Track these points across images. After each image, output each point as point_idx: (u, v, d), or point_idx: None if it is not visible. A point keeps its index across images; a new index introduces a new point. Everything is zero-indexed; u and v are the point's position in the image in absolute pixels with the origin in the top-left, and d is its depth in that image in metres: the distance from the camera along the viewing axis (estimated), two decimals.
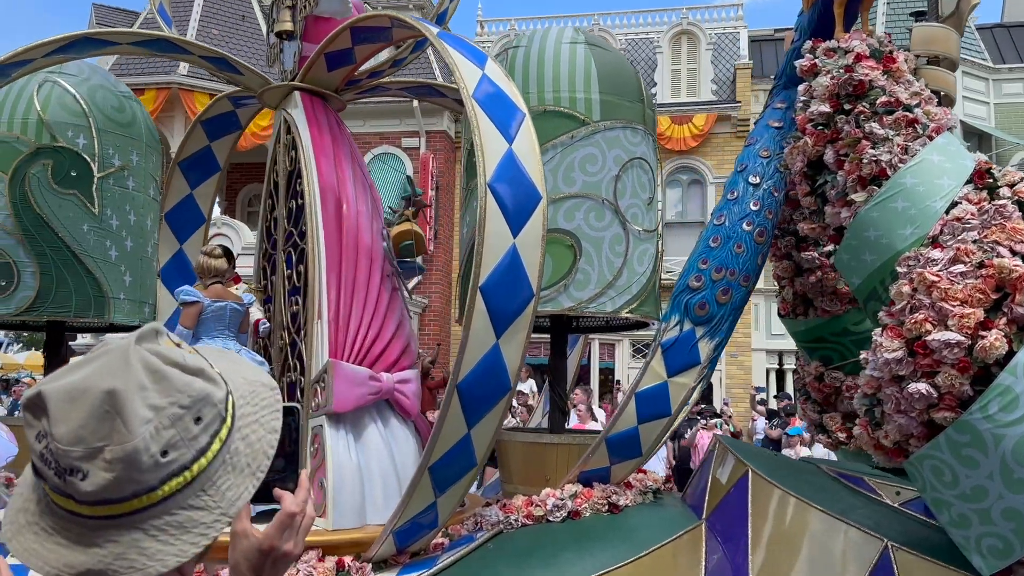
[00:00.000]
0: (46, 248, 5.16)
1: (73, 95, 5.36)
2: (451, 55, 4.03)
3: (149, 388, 1.03)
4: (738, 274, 4.15)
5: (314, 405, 4.28)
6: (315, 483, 4.18)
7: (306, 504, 1.19)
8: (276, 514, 1.20)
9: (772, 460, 4.55)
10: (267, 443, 1.16)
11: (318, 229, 4.50)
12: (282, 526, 1.16)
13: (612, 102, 4.69)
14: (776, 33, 22.13)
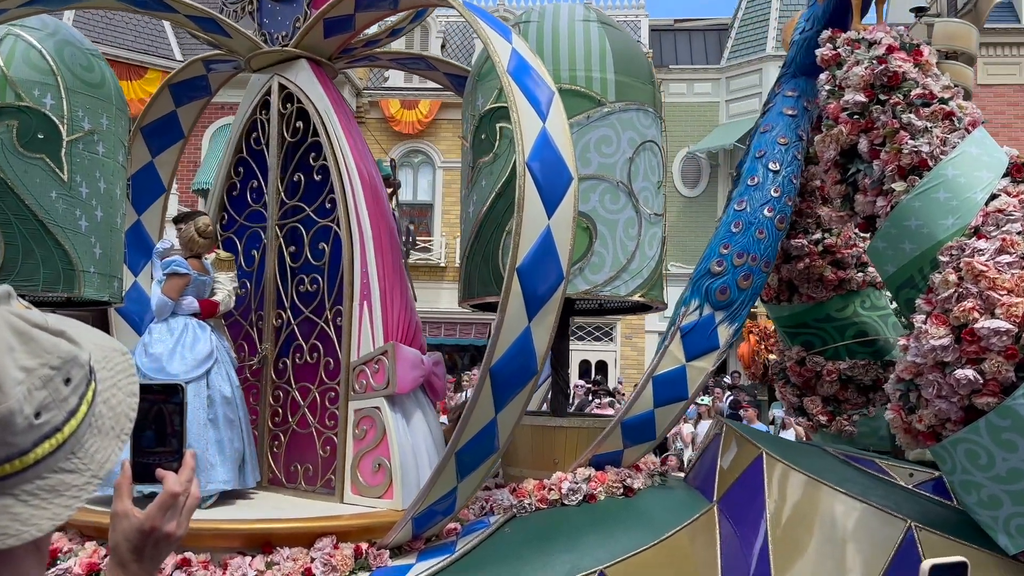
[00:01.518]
0: (11, 216, 4.74)
1: (39, 51, 4.93)
2: (482, 27, 3.89)
3: (17, 349, 1.00)
4: (759, 260, 4.19)
5: (358, 387, 4.18)
6: (365, 464, 4.23)
7: (190, 484, 1.18)
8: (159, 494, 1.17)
9: (782, 443, 4.63)
10: (127, 406, 1.15)
11: (360, 208, 4.42)
12: (163, 506, 1.13)
13: (626, 83, 4.64)
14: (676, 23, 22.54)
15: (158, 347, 4.27)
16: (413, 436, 4.22)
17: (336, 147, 4.50)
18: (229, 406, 4.20)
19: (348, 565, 3.81)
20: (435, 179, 19.80)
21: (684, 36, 21.62)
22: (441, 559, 3.89)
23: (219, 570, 3.77)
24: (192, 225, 4.50)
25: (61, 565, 3.82)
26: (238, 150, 5.23)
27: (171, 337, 4.29)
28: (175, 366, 4.21)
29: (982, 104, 17.74)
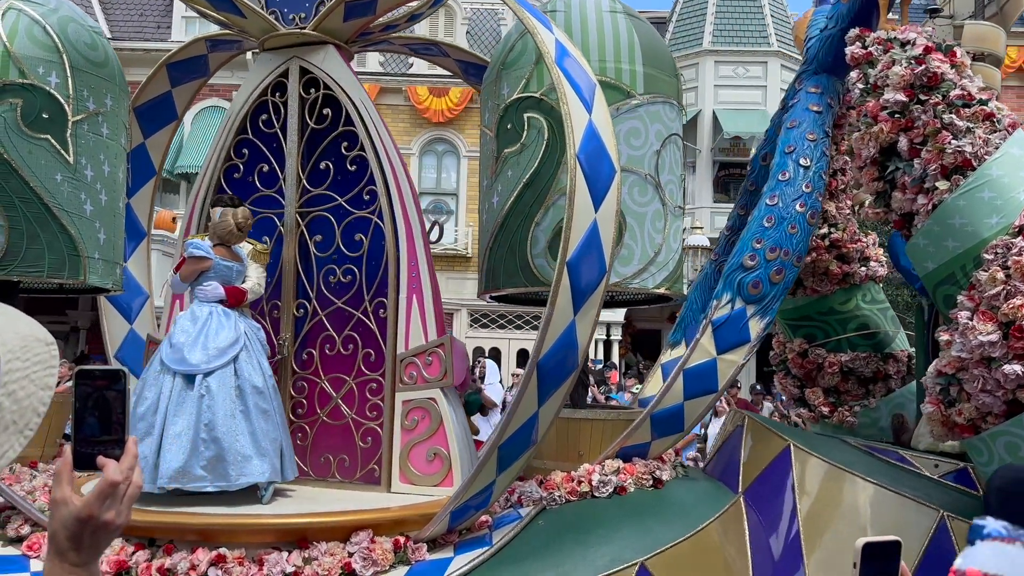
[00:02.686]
0: (15, 199, 4.54)
1: (43, 26, 4.72)
2: (527, 17, 3.85)
3: None
4: (792, 255, 4.24)
5: (407, 378, 4.14)
6: (417, 454, 4.28)
7: (132, 472, 1.16)
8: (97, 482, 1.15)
9: (806, 434, 4.71)
10: (38, 400, 1.14)
11: (407, 201, 4.40)
12: (102, 495, 1.11)
13: (654, 76, 4.65)
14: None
15: (180, 336, 4.14)
16: (462, 425, 4.29)
17: (376, 139, 4.43)
18: (261, 396, 4.10)
19: (388, 559, 3.76)
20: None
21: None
22: (479, 552, 3.87)
23: (254, 566, 3.68)
24: (231, 215, 4.34)
25: None
26: (241, 131, 5.06)
27: (194, 327, 4.16)
28: (195, 356, 4.09)
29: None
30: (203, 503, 4.04)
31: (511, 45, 4.73)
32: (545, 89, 4.53)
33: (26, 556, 3.81)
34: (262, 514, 3.93)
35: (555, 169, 4.46)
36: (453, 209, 19.15)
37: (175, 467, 3.92)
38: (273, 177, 4.88)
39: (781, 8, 20.66)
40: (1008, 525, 1.74)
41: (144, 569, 3.64)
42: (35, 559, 3.80)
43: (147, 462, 3.91)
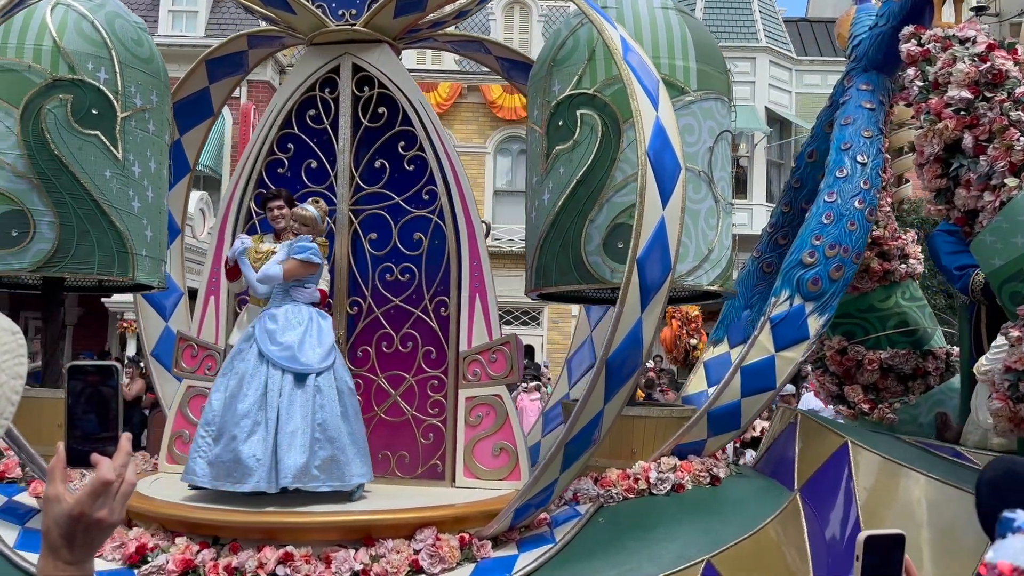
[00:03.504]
0: (65, 196, 4.52)
1: (91, 22, 4.70)
2: (593, 15, 3.85)
3: None
4: (851, 251, 4.25)
5: (471, 375, 4.15)
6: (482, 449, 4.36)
7: (125, 469, 1.14)
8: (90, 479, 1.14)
9: (861, 431, 4.71)
10: (10, 388, 1.14)
11: (469, 202, 4.47)
12: (95, 492, 1.10)
13: (707, 72, 4.64)
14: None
15: (289, 335, 4.09)
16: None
17: (435, 140, 4.44)
18: (353, 397, 4.13)
19: (455, 556, 3.75)
20: None
21: None
22: (544, 550, 3.86)
23: (321, 564, 3.67)
24: (319, 208, 4.32)
25: (152, 562, 3.67)
26: (286, 126, 5.02)
27: (300, 327, 4.13)
28: (308, 356, 4.07)
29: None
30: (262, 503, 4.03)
31: (562, 42, 4.72)
32: (598, 86, 4.52)
33: None
34: (326, 512, 3.91)
35: (609, 166, 4.45)
36: None
37: (298, 466, 3.90)
38: (322, 173, 4.86)
39: (769, 4, 20.70)
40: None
41: (211, 568, 3.63)
42: (99, 558, 3.78)
43: (260, 462, 3.88)
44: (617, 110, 4.44)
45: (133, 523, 4.05)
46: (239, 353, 4.14)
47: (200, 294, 5.00)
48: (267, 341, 4.08)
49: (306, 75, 4.85)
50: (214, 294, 4.96)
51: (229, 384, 4.05)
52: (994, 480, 2.13)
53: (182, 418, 4.89)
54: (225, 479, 3.91)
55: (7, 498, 4.15)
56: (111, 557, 3.77)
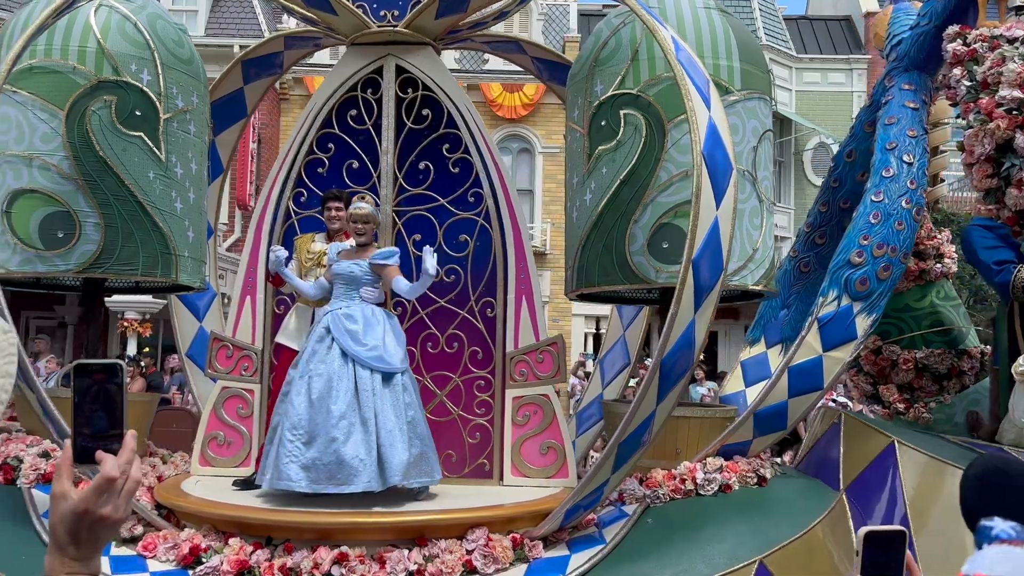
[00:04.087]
0: (110, 197, 4.52)
1: (134, 23, 4.70)
2: (644, 15, 3.84)
3: None
4: (899, 251, 4.24)
5: (518, 375, 4.18)
6: (529, 448, 4.42)
7: (130, 466, 1.14)
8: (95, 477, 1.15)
9: (906, 430, 4.71)
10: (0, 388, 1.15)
11: (515, 205, 4.51)
12: (99, 490, 1.11)
13: (750, 71, 4.63)
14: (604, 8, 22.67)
15: (372, 336, 4.12)
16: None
17: (480, 144, 4.47)
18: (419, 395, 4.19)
19: (509, 557, 3.76)
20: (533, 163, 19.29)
21: None
22: (595, 550, 3.87)
23: (375, 564, 3.68)
24: (370, 203, 4.34)
25: (207, 564, 3.67)
26: (325, 126, 5.01)
27: (379, 326, 4.16)
28: (393, 356, 4.12)
29: None
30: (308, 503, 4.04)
31: (604, 42, 4.71)
32: (642, 85, 4.52)
33: (143, 556, 3.81)
34: (380, 512, 3.92)
35: (653, 166, 4.45)
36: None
37: (404, 463, 3.95)
38: (364, 174, 4.87)
39: (769, 2, 20.65)
40: (1017, 526, 1.72)
41: (266, 568, 3.63)
42: (152, 559, 3.80)
43: (364, 463, 3.90)
44: (661, 110, 4.45)
45: (182, 523, 4.07)
46: (314, 354, 4.10)
47: (235, 294, 5.00)
48: (351, 342, 4.07)
49: (347, 75, 4.86)
50: (250, 294, 4.96)
51: (313, 386, 4.01)
52: (979, 476, 2.12)
53: (216, 420, 4.87)
54: (327, 482, 3.89)
55: None
56: (164, 558, 3.78)
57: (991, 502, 1.92)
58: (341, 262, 4.28)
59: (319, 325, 4.21)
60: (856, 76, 20.40)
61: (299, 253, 4.52)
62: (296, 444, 3.91)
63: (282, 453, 3.93)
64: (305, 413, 3.97)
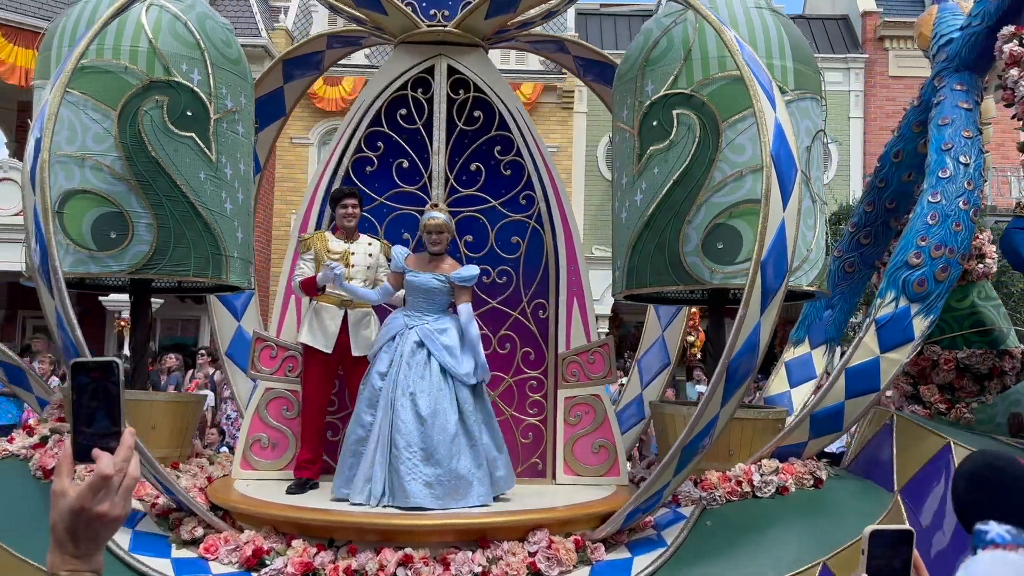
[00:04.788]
0: (163, 198, 4.50)
1: (184, 23, 4.68)
2: (711, 16, 3.84)
3: None
4: (956, 252, 4.23)
5: (570, 376, 4.28)
6: (582, 447, 4.51)
7: (127, 464, 1.13)
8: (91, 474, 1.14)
9: (960, 431, 4.70)
10: None
11: (567, 207, 4.55)
12: (94, 487, 1.10)
13: (802, 72, 4.62)
14: (602, 7, 22.63)
15: (463, 350, 4.15)
16: None
17: (532, 147, 4.48)
18: None
19: (572, 559, 3.75)
20: None
21: (610, 21, 21.51)
22: (657, 553, 3.86)
23: (439, 566, 3.67)
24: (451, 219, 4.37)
25: (271, 566, 3.66)
26: (374, 124, 4.95)
27: (459, 336, 4.17)
28: (480, 368, 4.15)
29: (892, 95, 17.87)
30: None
31: (655, 41, 4.69)
32: (695, 86, 4.50)
33: (204, 559, 3.80)
34: (441, 514, 3.91)
35: (707, 166, 4.43)
36: None
37: (508, 474, 4.09)
38: (414, 174, 4.85)
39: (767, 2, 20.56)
40: (1012, 530, 1.69)
41: (331, 570, 3.63)
42: (214, 561, 3.79)
43: (477, 476, 3.97)
44: (716, 110, 4.43)
45: (238, 524, 4.06)
46: (411, 369, 4.06)
47: (279, 294, 4.98)
48: (450, 358, 4.07)
49: (397, 74, 4.83)
50: (295, 294, 4.93)
51: (420, 404, 3.98)
52: (972, 472, 2.10)
53: (260, 422, 4.76)
54: (448, 498, 3.93)
55: None
56: (227, 560, 3.77)
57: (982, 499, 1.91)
58: (418, 274, 4.25)
59: (403, 335, 4.17)
60: (853, 75, 20.29)
61: (319, 253, 4.51)
62: (414, 462, 3.90)
63: (403, 471, 3.91)
64: (416, 431, 3.96)
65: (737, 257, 4.38)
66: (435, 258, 4.28)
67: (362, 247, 4.63)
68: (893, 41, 18.44)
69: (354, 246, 4.61)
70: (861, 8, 18.02)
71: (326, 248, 4.59)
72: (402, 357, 4.10)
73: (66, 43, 4.70)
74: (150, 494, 4.21)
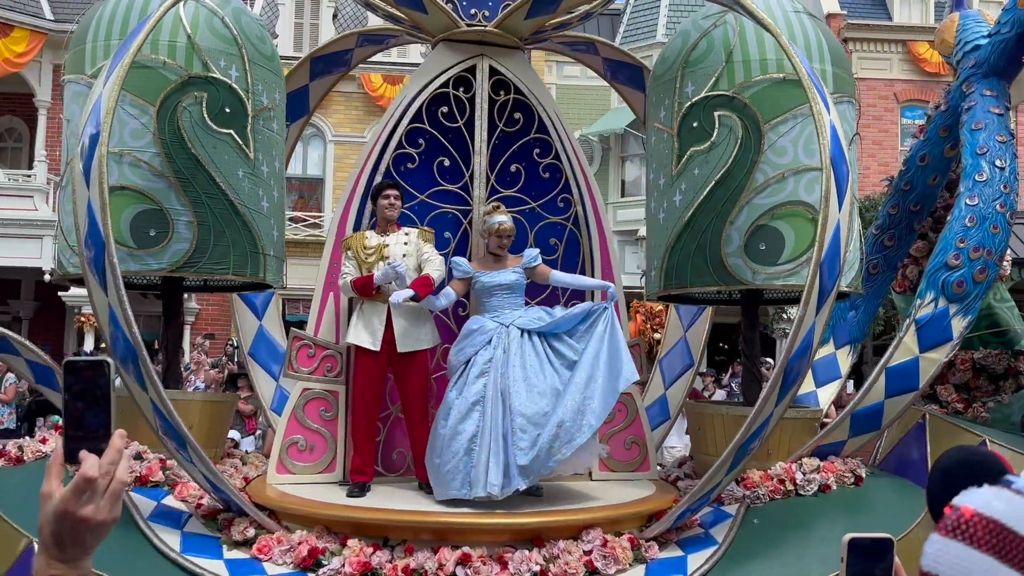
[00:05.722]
0: (202, 196, 4.45)
1: (221, 18, 4.63)
2: (767, 21, 3.87)
3: None
4: (994, 254, 4.32)
5: None
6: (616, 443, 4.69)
7: (115, 467, 1.10)
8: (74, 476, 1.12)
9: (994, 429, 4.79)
10: None
11: (601, 212, 4.67)
12: (78, 490, 1.08)
13: (840, 75, 4.69)
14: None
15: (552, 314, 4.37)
16: None
17: (569, 150, 4.55)
18: None
19: (628, 557, 3.77)
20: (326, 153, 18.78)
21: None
22: (710, 551, 3.90)
23: (496, 565, 3.67)
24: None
25: (328, 566, 3.64)
26: (415, 120, 4.88)
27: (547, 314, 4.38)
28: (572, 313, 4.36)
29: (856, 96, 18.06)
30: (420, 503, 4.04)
31: (693, 43, 4.73)
32: (736, 88, 4.55)
33: (258, 560, 3.76)
34: (496, 513, 3.91)
35: (750, 168, 4.48)
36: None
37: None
38: (456, 172, 4.84)
39: None
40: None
41: (390, 570, 3.61)
42: (268, 562, 3.75)
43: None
44: (758, 112, 4.48)
45: (283, 523, 4.02)
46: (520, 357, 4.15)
47: (317, 291, 4.91)
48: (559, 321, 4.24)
49: (438, 71, 4.80)
50: (333, 290, 4.87)
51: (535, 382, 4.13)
52: (947, 468, 2.17)
53: (296, 423, 4.63)
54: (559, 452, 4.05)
55: (156, 502, 4.10)
56: (281, 561, 3.74)
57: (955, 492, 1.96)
58: (492, 274, 4.37)
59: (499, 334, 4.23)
60: None
61: (356, 252, 4.48)
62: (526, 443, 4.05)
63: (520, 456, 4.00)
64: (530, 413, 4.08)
65: (779, 258, 4.43)
66: (498, 259, 4.42)
67: (398, 237, 4.57)
68: (856, 43, 18.68)
69: (389, 238, 4.57)
70: (825, 10, 18.23)
71: (362, 245, 4.56)
72: (506, 353, 4.15)
73: (101, 37, 4.63)
74: (193, 495, 4.17)
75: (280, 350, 6.13)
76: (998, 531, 0.57)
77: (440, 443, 4.10)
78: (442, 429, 4.13)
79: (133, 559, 3.66)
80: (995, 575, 0.57)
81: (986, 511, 0.52)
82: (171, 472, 4.30)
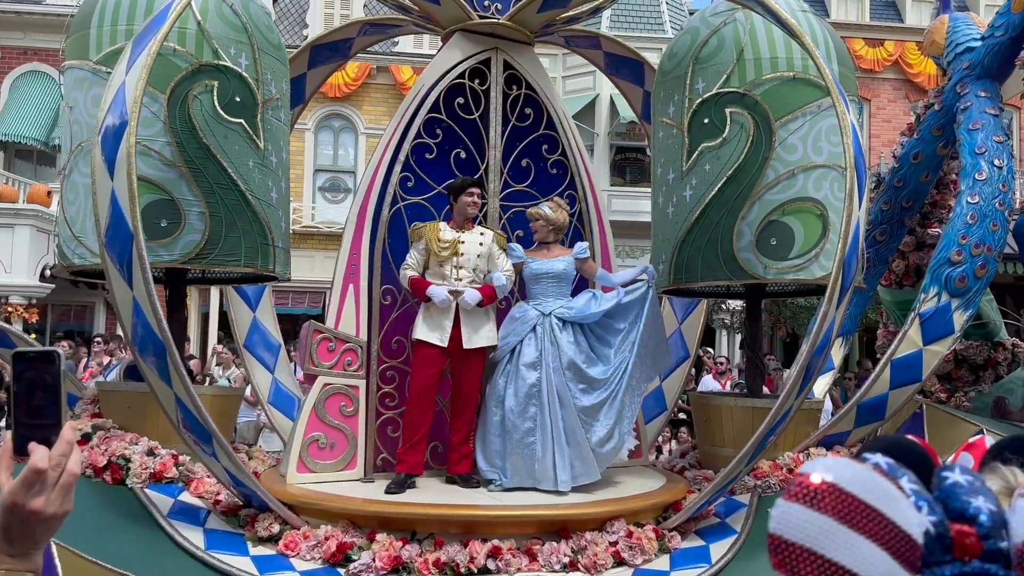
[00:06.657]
0: (213, 186, 4.36)
1: (231, 5, 4.53)
2: (790, 20, 3.94)
3: None
4: (994, 250, 4.48)
5: None
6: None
7: (66, 459, 1.07)
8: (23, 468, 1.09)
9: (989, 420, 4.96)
10: None
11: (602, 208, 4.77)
12: (27, 482, 1.04)
13: (845, 74, 4.79)
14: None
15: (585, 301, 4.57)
16: None
17: (574, 147, 4.61)
18: None
19: (654, 547, 3.84)
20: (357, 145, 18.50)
21: None
22: (731, 540, 3.99)
23: (525, 557, 3.71)
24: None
25: (359, 561, 3.62)
26: (432, 110, 4.80)
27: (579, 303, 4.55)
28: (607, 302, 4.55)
29: None
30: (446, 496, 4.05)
31: (704, 40, 4.79)
32: (747, 85, 4.62)
33: (285, 555, 3.72)
34: (522, 506, 3.94)
35: (761, 164, 4.56)
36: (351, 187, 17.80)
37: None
38: (471, 164, 4.82)
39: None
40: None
41: (421, 564, 3.61)
42: (296, 558, 3.72)
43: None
44: (769, 109, 4.57)
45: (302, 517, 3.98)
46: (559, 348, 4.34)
47: (336, 282, 4.81)
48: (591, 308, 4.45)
49: (455, 62, 4.76)
50: (353, 282, 4.71)
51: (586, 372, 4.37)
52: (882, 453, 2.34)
53: (317, 420, 4.48)
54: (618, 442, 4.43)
55: (173, 499, 4.03)
56: (308, 556, 3.71)
57: None
58: (542, 261, 4.54)
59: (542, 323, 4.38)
60: None
61: (430, 243, 4.41)
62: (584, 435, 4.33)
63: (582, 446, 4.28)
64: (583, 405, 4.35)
65: (790, 253, 4.53)
66: (546, 248, 4.60)
67: (474, 236, 4.52)
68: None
69: (465, 235, 4.51)
70: None
71: (437, 237, 4.47)
72: (554, 345, 4.31)
73: (107, 23, 4.49)
74: (210, 491, 4.11)
75: (274, 342, 6.04)
76: (837, 494, 0.64)
77: (493, 429, 4.33)
78: (495, 416, 4.32)
79: (160, 559, 3.60)
80: (833, 535, 0.64)
81: (827, 476, 0.58)
82: (184, 468, 4.23)
